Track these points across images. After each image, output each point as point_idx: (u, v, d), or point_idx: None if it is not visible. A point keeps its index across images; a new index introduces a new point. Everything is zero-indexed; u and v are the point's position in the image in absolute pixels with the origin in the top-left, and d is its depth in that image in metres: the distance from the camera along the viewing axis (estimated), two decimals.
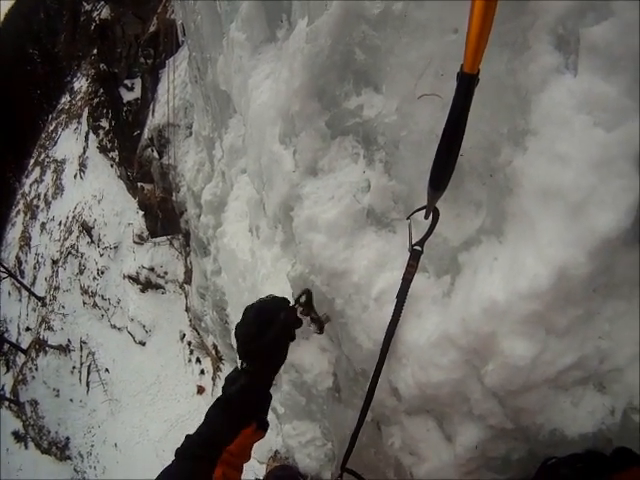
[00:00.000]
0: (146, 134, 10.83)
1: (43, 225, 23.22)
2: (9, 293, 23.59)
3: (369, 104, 1.72)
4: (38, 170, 27.55)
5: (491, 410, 1.51)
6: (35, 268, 22.65)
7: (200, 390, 12.37)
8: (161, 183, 11.12)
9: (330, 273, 1.87)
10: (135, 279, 15.09)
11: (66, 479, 15.82)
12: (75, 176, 21.64)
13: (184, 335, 13.52)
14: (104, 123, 18.50)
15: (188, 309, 12.44)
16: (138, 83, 12.93)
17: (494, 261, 1.40)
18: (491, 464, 1.65)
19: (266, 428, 1.60)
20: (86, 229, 18.68)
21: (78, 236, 19.37)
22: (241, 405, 1.51)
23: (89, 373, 16.77)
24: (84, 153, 21.27)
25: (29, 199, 26.82)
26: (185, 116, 9.14)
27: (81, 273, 18.64)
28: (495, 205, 1.43)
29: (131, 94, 13.45)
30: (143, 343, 15.03)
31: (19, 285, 22.45)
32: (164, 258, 14.20)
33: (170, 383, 13.70)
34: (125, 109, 13.83)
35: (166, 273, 14.21)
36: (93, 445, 15.67)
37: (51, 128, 29.24)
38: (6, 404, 19.71)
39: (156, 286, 14.64)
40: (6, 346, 21.75)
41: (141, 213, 14.33)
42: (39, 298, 20.69)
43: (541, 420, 1.44)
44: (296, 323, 1.75)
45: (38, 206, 25.04)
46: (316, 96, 1.85)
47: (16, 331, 21.83)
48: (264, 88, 2.54)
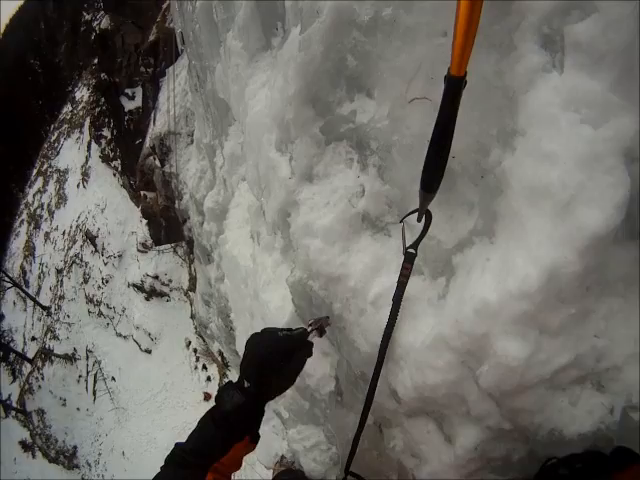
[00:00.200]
0: (148, 142, 10.87)
1: (47, 235, 23.28)
2: (14, 303, 23.64)
3: (362, 109, 1.73)
4: (41, 180, 27.65)
5: (488, 411, 1.51)
6: (40, 278, 22.69)
7: (207, 397, 12.38)
8: (164, 191, 11.16)
9: (327, 278, 1.88)
10: (140, 287, 15.10)
11: None
12: (78, 185, 21.72)
13: (190, 342, 13.54)
14: (106, 132, 18.60)
15: (193, 316, 12.45)
16: (139, 92, 13.00)
17: (486, 262, 1.40)
18: (492, 465, 1.66)
19: (257, 441, 1.59)
20: (90, 238, 18.71)
21: (82, 245, 19.42)
22: (237, 423, 1.49)
23: (95, 382, 16.77)
24: (86, 162, 21.35)
25: (32, 209, 26.90)
26: (186, 124, 9.19)
27: (86, 282, 18.67)
28: (486, 206, 1.43)
29: (132, 103, 13.52)
30: (149, 351, 15.04)
31: (24, 295, 22.51)
32: (168, 266, 14.21)
33: (177, 390, 13.70)
34: (126, 118, 13.90)
35: (170, 281, 14.23)
36: (101, 453, 15.67)
37: (53, 138, 29.35)
38: (13, 414, 19.72)
39: (161, 294, 14.65)
40: (12, 356, 21.78)
41: (144, 221, 14.35)
42: (44, 308, 20.73)
43: (539, 420, 1.44)
44: (309, 354, 1.71)
45: (42, 216, 25.11)
46: (310, 103, 1.86)
47: (22, 341, 21.85)
48: (260, 96, 2.55)
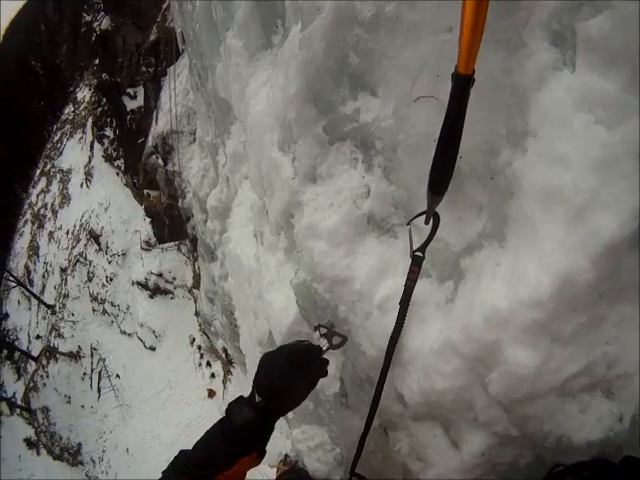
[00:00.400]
0: (150, 141, 10.85)
1: (51, 234, 23.29)
2: (19, 302, 23.69)
3: (366, 108, 1.69)
4: (44, 180, 27.65)
5: (496, 418, 1.49)
6: (44, 277, 22.72)
7: (211, 394, 12.36)
8: (167, 190, 11.15)
9: (332, 280, 1.86)
10: (144, 285, 15.10)
11: None
12: (81, 185, 21.71)
13: (194, 339, 13.53)
14: (108, 132, 18.59)
15: (197, 313, 12.44)
16: (141, 91, 12.99)
17: (496, 267, 1.37)
18: (498, 470, 1.64)
19: (264, 456, 1.57)
20: (94, 237, 18.72)
21: (86, 244, 19.41)
22: (246, 437, 1.49)
23: (100, 379, 16.79)
24: (89, 162, 21.34)
25: (36, 209, 26.92)
26: (188, 123, 9.16)
27: (90, 280, 18.68)
28: (496, 208, 1.40)
29: (134, 102, 13.51)
30: (153, 348, 15.04)
31: (28, 294, 22.54)
32: (172, 264, 14.21)
33: (181, 387, 13.69)
34: (129, 117, 13.91)
35: (175, 278, 14.22)
36: (105, 450, 15.67)
37: (56, 138, 29.32)
38: (18, 411, 19.78)
39: (165, 291, 14.65)
40: (17, 354, 21.84)
41: (148, 220, 14.35)
42: (49, 306, 20.76)
43: (548, 427, 1.41)
44: (323, 374, 1.71)
45: (45, 215, 25.13)
46: (312, 102, 1.82)
47: (26, 339, 21.92)
48: (261, 95, 2.52)
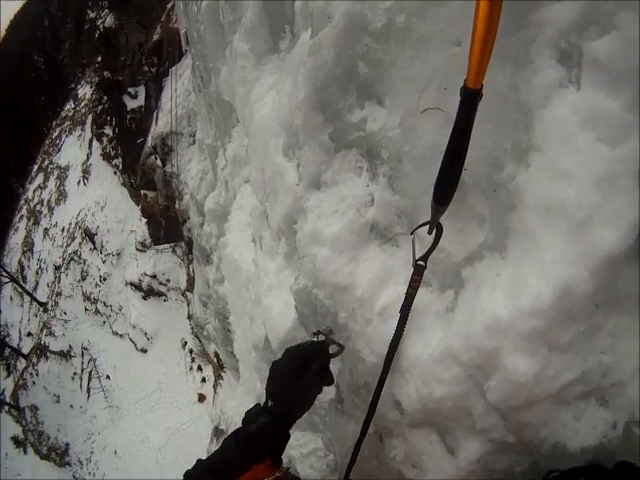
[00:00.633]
0: (149, 142, 10.86)
1: (46, 231, 23.23)
2: (11, 298, 23.58)
3: (372, 117, 1.71)
4: (42, 176, 27.60)
5: (494, 424, 1.51)
6: (37, 274, 22.64)
7: (201, 398, 12.35)
8: (164, 191, 11.15)
9: (334, 287, 1.87)
10: (137, 286, 15.08)
11: None
12: (78, 183, 21.68)
13: (186, 343, 13.52)
14: (108, 130, 18.59)
15: (190, 317, 12.41)
16: (142, 91, 13.00)
17: (497, 277, 1.39)
18: (493, 476, 1.65)
19: (280, 466, 1.60)
20: (89, 236, 18.67)
21: (81, 242, 19.36)
22: (259, 443, 1.52)
23: (90, 379, 16.72)
24: (87, 160, 21.31)
25: (32, 205, 26.85)
26: (188, 124, 9.16)
27: (83, 279, 18.62)
28: (498, 220, 1.42)
29: (135, 102, 13.53)
30: (145, 350, 15.01)
31: (21, 290, 22.44)
32: (166, 265, 14.20)
33: (171, 391, 13.68)
34: (129, 117, 13.92)
35: (168, 280, 14.22)
36: (93, 452, 15.59)
37: (55, 134, 29.30)
38: (6, 409, 19.61)
39: (158, 293, 14.63)
40: (7, 351, 21.70)
41: (144, 220, 14.34)
42: (41, 304, 20.67)
43: (544, 434, 1.44)
44: (328, 379, 1.72)
45: (41, 212, 25.05)
46: (319, 109, 1.84)
47: (17, 336, 21.80)
48: (267, 100, 2.54)
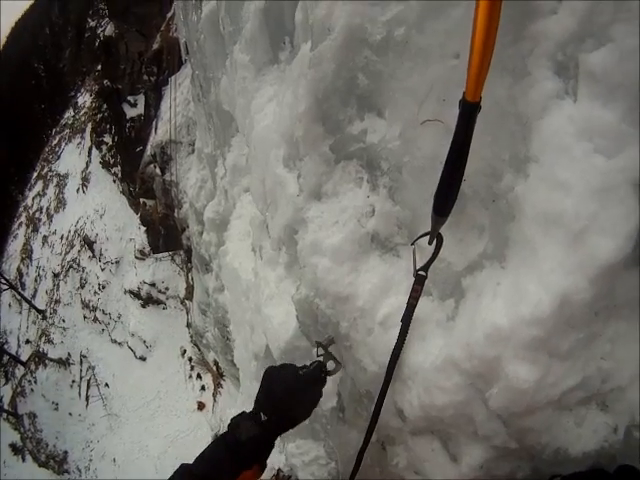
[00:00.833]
0: (149, 150, 10.84)
1: (45, 238, 23.16)
2: (9, 305, 23.49)
3: (372, 129, 1.73)
4: (41, 184, 27.56)
5: (496, 431, 1.52)
6: (36, 281, 22.56)
7: (200, 406, 12.28)
8: (163, 199, 11.13)
9: (335, 297, 1.88)
10: (136, 294, 15.03)
11: None
12: (77, 190, 21.65)
13: (185, 351, 13.45)
14: (107, 138, 18.56)
15: (189, 325, 12.38)
16: (141, 100, 12.98)
17: (497, 286, 1.41)
18: None
19: (264, 470, 1.60)
20: (88, 243, 18.64)
21: (80, 250, 19.32)
22: (250, 451, 1.52)
23: (89, 387, 16.62)
24: (87, 168, 21.28)
25: (31, 212, 26.79)
26: (188, 133, 9.15)
27: (82, 287, 18.57)
28: (497, 230, 1.44)
29: (134, 110, 13.51)
30: (143, 358, 14.94)
31: (20, 297, 22.36)
32: (165, 274, 14.16)
33: (170, 399, 13.59)
34: (128, 125, 13.89)
35: (167, 289, 14.16)
36: (91, 460, 15.47)
37: (54, 142, 29.27)
38: (4, 416, 19.48)
39: (157, 301, 14.58)
40: (5, 358, 21.54)
41: (143, 229, 14.31)
42: (39, 311, 20.60)
43: (546, 440, 1.45)
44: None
45: (40, 219, 24.99)
46: (320, 121, 1.85)
47: (16, 343, 21.68)
48: (267, 111, 2.55)
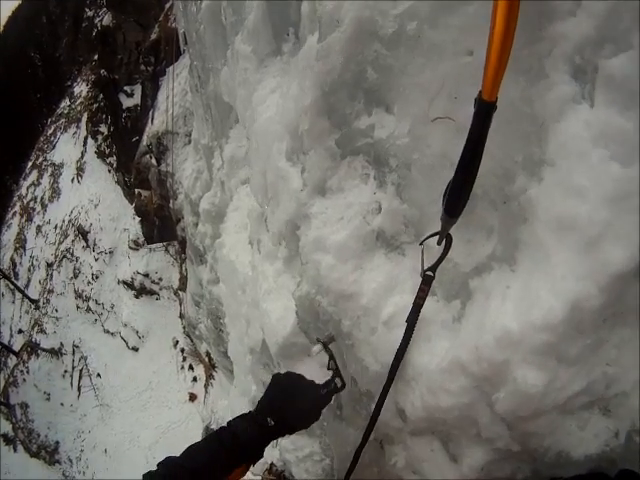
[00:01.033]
0: (145, 141, 10.82)
1: (39, 228, 23.13)
2: (3, 294, 23.42)
3: (380, 124, 1.70)
4: (35, 173, 27.48)
5: (499, 434, 1.52)
6: (30, 270, 22.54)
7: (192, 397, 12.34)
8: (158, 190, 11.11)
9: (338, 295, 1.86)
10: (130, 284, 15.06)
11: None
12: (72, 180, 21.61)
13: (177, 342, 13.51)
14: (103, 128, 18.52)
15: (182, 316, 12.39)
16: (138, 90, 12.95)
17: (506, 289, 1.40)
18: None
19: (249, 468, 1.63)
20: (82, 233, 18.61)
21: (74, 240, 19.30)
22: (247, 451, 1.55)
23: (81, 377, 16.67)
24: (82, 158, 21.25)
25: (26, 201, 26.72)
26: (184, 124, 9.11)
27: (75, 277, 18.57)
28: (507, 232, 1.43)
29: (131, 100, 13.48)
30: (136, 349, 15.00)
31: (13, 287, 22.32)
32: (159, 264, 14.19)
33: (162, 390, 13.67)
34: (124, 115, 13.87)
35: (161, 279, 14.20)
36: (83, 450, 15.55)
37: (50, 132, 29.18)
38: None
39: (150, 292, 14.62)
40: None
41: (138, 219, 14.30)
42: (33, 301, 20.59)
43: (549, 443, 1.46)
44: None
45: (34, 209, 24.95)
46: (326, 114, 1.82)
47: (8, 333, 21.70)
48: (270, 103, 2.52)
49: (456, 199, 1.26)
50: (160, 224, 12.47)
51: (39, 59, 43.89)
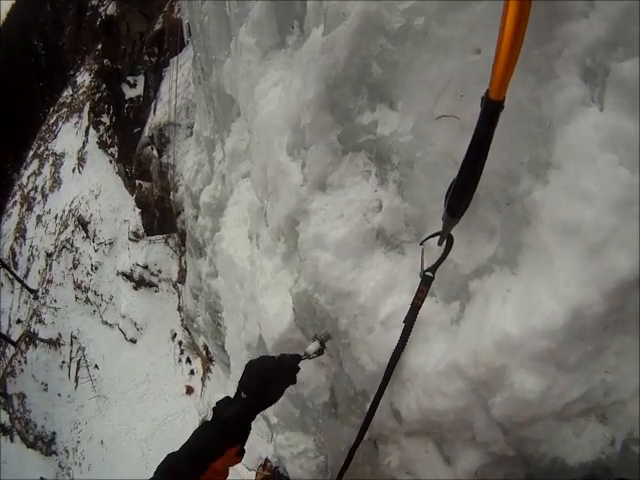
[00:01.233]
0: (146, 132, 10.78)
1: (39, 218, 23.08)
2: (2, 284, 23.39)
3: (383, 121, 1.68)
4: (37, 162, 27.40)
5: (494, 438, 1.51)
6: (29, 260, 22.51)
7: (189, 390, 12.33)
8: (159, 182, 11.09)
9: (336, 293, 1.85)
10: (129, 276, 15.03)
11: (51, 475, 15.67)
12: (73, 170, 21.54)
13: (175, 334, 13.48)
14: (105, 119, 18.46)
15: (180, 309, 12.39)
16: (141, 80, 12.89)
17: (507, 293, 1.39)
18: None
19: (243, 455, 1.68)
20: (82, 224, 18.58)
21: (73, 230, 19.27)
22: (234, 427, 1.60)
23: (78, 368, 16.66)
24: (83, 148, 21.18)
25: (26, 191, 26.66)
26: (187, 116, 9.09)
27: (75, 268, 18.54)
28: (509, 235, 1.41)
29: (133, 91, 13.42)
30: (134, 341, 14.97)
31: (12, 277, 22.32)
32: (159, 256, 14.15)
33: (159, 382, 13.65)
34: (127, 106, 13.81)
35: (160, 272, 14.16)
36: (79, 441, 15.55)
37: (52, 121, 29.09)
38: None
39: (149, 284, 14.59)
40: None
41: (138, 210, 14.26)
42: (32, 291, 20.58)
43: (544, 449, 1.46)
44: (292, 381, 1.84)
45: (35, 198, 24.89)
46: (329, 109, 1.80)
47: (7, 323, 21.67)
48: (272, 96, 2.50)
49: (459, 199, 1.24)
50: (160, 216, 12.45)
51: (42, 47, 43.74)
